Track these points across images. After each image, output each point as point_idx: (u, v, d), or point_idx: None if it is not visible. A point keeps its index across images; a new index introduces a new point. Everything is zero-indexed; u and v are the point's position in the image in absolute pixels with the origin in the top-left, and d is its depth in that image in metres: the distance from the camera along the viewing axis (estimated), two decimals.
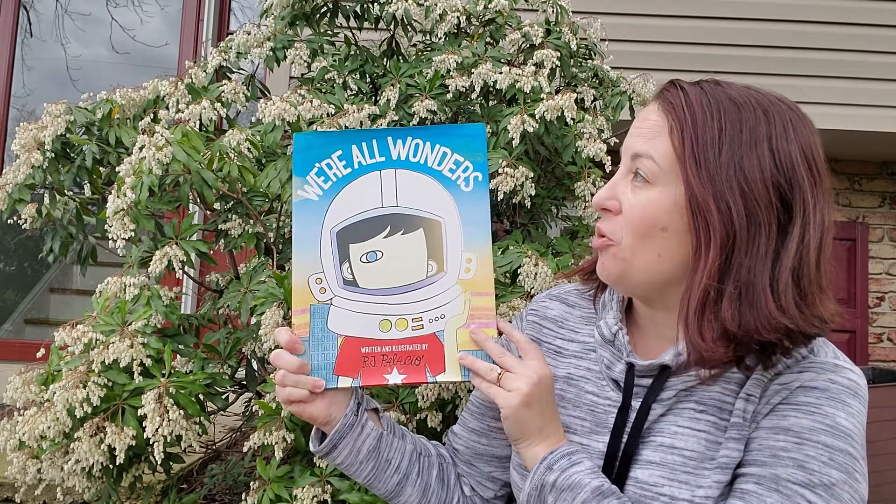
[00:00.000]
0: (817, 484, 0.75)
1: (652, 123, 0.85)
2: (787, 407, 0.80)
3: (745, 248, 0.78)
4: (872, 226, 4.37)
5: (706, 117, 0.81)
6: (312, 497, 1.57)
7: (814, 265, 0.79)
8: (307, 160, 0.96)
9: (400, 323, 0.92)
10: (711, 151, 0.80)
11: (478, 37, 2.39)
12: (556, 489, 0.85)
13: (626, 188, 0.86)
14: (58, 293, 4.77)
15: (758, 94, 0.84)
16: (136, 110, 2.24)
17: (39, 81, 4.63)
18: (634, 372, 0.89)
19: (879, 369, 3.65)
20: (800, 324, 0.78)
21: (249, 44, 2.36)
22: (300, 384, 0.90)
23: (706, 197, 0.78)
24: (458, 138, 0.95)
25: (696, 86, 0.85)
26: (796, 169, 0.80)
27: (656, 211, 0.82)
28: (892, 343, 4.34)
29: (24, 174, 2.06)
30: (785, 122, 0.82)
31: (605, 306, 0.97)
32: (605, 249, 0.88)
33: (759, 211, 0.78)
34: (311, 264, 0.93)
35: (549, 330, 1.02)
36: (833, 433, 0.77)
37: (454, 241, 0.93)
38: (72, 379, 1.59)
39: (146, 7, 4.71)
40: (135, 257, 1.85)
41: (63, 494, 1.78)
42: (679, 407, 0.86)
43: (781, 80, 3.75)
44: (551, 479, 0.86)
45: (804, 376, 0.81)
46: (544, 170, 2.26)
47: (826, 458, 0.76)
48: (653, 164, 0.83)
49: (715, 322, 0.79)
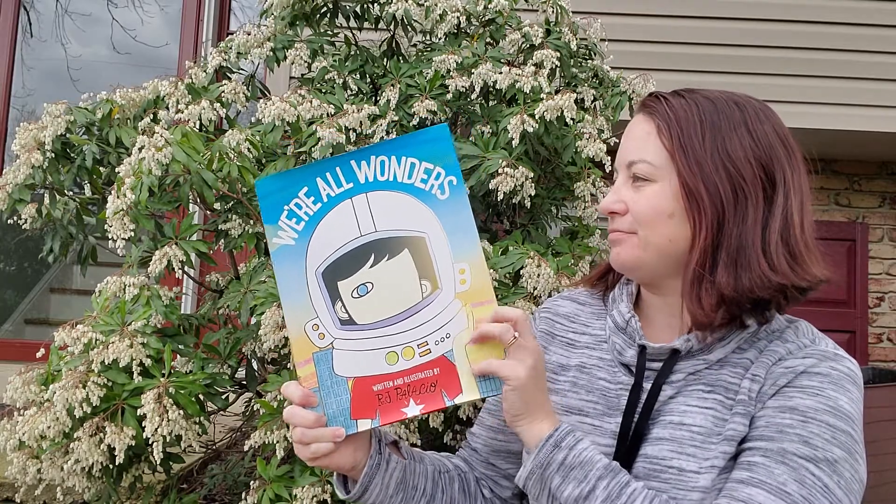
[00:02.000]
0: (821, 459, 0.80)
1: (640, 131, 0.94)
2: (793, 389, 0.85)
3: (734, 220, 0.88)
4: (872, 226, 4.37)
5: (687, 114, 0.91)
6: (312, 497, 1.57)
7: (798, 227, 0.89)
8: (274, 205, 0.92)
9: (406, 352, 0.89)
10: (696, 140, 0.90)
11: (478, 37, 2.39)
12: (565, 467, 0.85)
13: (628, 191, 0.94)
14: (58, 293, 4.77)
15: (728, 93, 0.95)
16: (136, 110, 2.24)
17: (39, 81, 4.63)
18: (646, 355, 0.94)
19: (879, 369, 3.65)
20: (792, 279, 0.87)
21: (249, 44, 2.36)
22: (321, 438, 0.88)
23: (696, 181, 0.88)
24: (423, 145, 0.91)
25: (673, 93, 0.95)
26: (773, 145, 0.90)
27: (661, 201, 0.90)
28: (892, 343, 4.34)
29: (24, 174, 2.06)
30: (755, 110, 0.93)
31: (616, 300, 1.02)
32: (621, 241, 0.94)
33: (744, 185, 0.88)
34: (303, 312, 0.89)
35: (561, 325, 1.07)
36: (835, 414, 0.82)
37: (443, 254, 0.89)
38: (71, 379, 1.59)
39: (146, 7, 4.71)
40: (135, 257, 1.85)
41: (63, 494, 1.78)
42: (688, 389, 0.91)
43: (781, 80, 3.75)
44: (560, 458, 0.86)
45: (807, 361, 0.87)
46: (544, 170, 2.26)
47: (829, 436, 0.81)
48: (647, 165, 0.92)
49: (712, 289, 0.87)
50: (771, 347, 0.89)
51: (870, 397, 3.50)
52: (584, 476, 0.85)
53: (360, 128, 1.96)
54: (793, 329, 0.92)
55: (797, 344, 0.89)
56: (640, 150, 0.93)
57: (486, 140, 2.04)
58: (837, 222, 4.34)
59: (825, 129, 3.69)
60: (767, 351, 0.89)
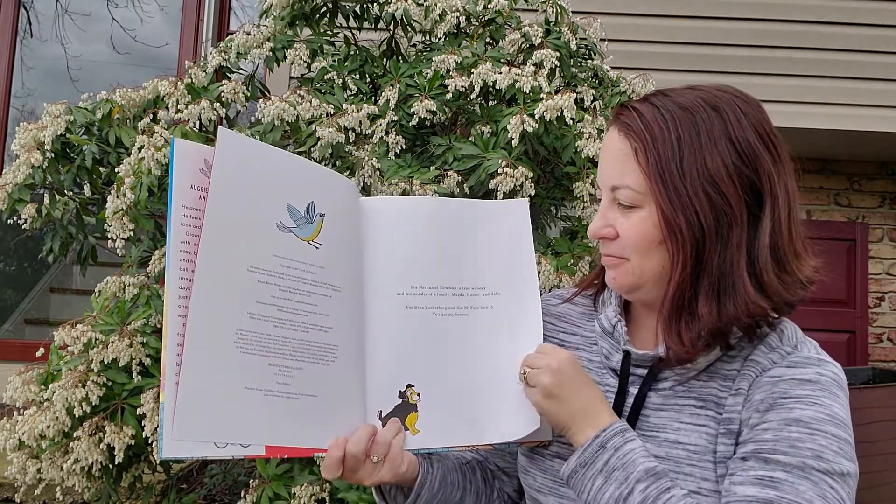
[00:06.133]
0: (835, 472, 0.79)
1: (616, 151, 0.89)
2: (790, 400, 0.83)
3: (715, 247, 0.83)
4: (872, 226, 4.37)
5: (663, 131, 0.85)
6: (311, 495, 1.58)
7: (786, 235, 0.84)
8: None
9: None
10: (673, 163, 0.83)
11: (477, 37, 2.39)
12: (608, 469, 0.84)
13: (616, 214, 0.89)
14: (58, 293, 4.77)
15: (703, 93, 0.88)
16: (136, 110, 2.24)
17: (39, 81, 4.63)
18: (631, 361, 0.93)
19: (879, 369, 3.65)
20: (783, 296, 0.83)
21: (249, 44, 2.36)
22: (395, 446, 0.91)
23: (674, 211, 0.83)
24: None
25: (646, 102, 0.88)
26: (757, 153, 0.84)
27: (649, 228, 0.86)
28: (892, 343, 4.34)
29: (24, 174, 2.06)
30: (736, 112, 0.86)
31: (605, 303, 1.01)
32: (614, 266, 0.91)
33: (727, 208, 0.83)
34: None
35: (552, 325, 1.06)
36: (836, 423, 0.81)
37: None
38: (71, 378, 1.59)
39: (146, 7, 4.71)
40: (134, 257, 1.85)
41: (63, 494, 1.78)
42: (680, 404, 0.89)
43: (781, 80, 3.75)
44: (604, 458, 0.84)
45: (793, 371, 0.85)
46: (543, 170, 2.26)
47: (836, 447, 0.80)
48: (630, 192, 0.86)
49: (692, 323, 0.84)
50: (754, 356, 0.87)
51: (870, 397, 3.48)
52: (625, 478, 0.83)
53: (359, 128, 1.96)
54: (777, 333, 0.89)
55: (780, 352, 0.87)
56: (620, 174, 0.87)
57: (486, 140, 2.04)
58: (837, 222, 4.34)
59: (825, 129, 3.69)
60: (751, 360, 0.87)
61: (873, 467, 3.00)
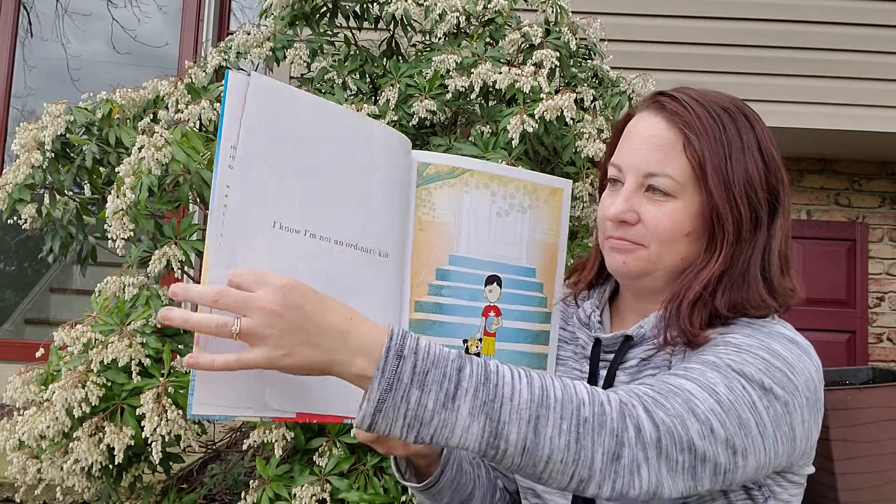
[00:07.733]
0: (755, 381, 0.78)
1: (660, 139, 0.88)
2: (729, 335, 0.84)
3: (747, 245, 0.88)
4: (872, 226, 4.37)
5: (716, 129, 0.87)
6: (311, 495, 1.57)
7: (786, 245, 0.91)
8: None
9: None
10: (723, 162, 0.86)
11: (477, 37, 2.39)
12: (418, 376, 0.67)
13: (641, 200, 0.89)
14: (58, 293, 4.77)
15: (729, 100, 0.91)
16: (136, 110, 2.24)
17: (39, 81, 4.63)
18: (602, 347, 0.95)
19: (879, 369, 3.65)
20: (786, 297, 0.89)
21: (249, 44, 2.36)
22: None
23: (724, 205, 0.86)
24: None
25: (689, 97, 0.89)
26: (778, 166, 0.90)
27: (682, 219, 0.88)
28: (892, 343, 4.34)
29: (24, 174, 2.06)
30: (760, 123, 0.91)
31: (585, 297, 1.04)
32: (626, 251, 0.90)
33: (760, 212, 0.88)
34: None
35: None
36: (770, 352, 0.81)
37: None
38: (71, 379, 1.59)
39: (146, 7, 4.71)
40: (134, 257, 1.85)
41: (63, 494, 1.78)
42: (641, 375, 0.91)
43: (781, 80, 3.75)
44: (409, 368, 0.67)
45: (748, 329, 0.86)
46: (543, 170, 2.26)
47: (763, 366, 0.79)
48: (670, 181, 0.87)
49: (705, 310, 0.87)
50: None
51: (870, 397, 3.47)
52: (444, 372, 0.68)
53: None
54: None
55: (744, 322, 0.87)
56: (661, 162, 0.87)
57: (486, 140, 2.04)
58: (837, 222, 4.34)
59: (825, 129, 3.68)
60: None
61: (873, 467, 3.00)
